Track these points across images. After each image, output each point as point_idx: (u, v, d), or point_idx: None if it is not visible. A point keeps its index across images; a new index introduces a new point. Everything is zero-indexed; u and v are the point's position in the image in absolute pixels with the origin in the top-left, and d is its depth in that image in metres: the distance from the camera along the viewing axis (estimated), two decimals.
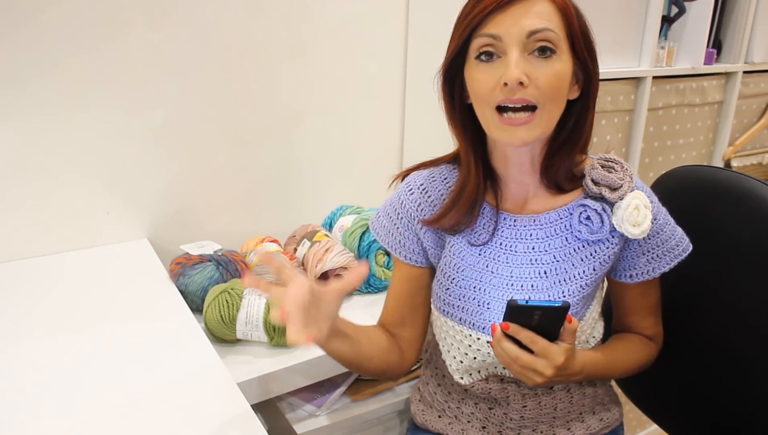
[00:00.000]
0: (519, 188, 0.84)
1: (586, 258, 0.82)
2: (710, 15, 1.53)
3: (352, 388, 1.11)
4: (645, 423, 1.86)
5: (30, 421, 0.70)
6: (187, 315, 0.95)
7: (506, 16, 0.71)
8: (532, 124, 0.73)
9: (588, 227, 0.81)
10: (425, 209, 0.87)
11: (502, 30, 0.71)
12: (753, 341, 0.86)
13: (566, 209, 0.83)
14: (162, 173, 1.23)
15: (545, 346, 0.73)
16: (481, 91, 0.74)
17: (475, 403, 0.91)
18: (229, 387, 0.77)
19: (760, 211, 0.86)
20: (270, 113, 1.32)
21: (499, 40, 0.72)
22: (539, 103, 0.72)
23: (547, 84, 0.72)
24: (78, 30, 1.08)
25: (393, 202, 0.91)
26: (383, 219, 0.92)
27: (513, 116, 0.72)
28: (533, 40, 0.71)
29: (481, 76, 0.73)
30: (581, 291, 0.81)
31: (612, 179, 0.80)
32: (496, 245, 0.85)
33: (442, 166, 0.89)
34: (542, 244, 0.83)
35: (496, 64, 0.73)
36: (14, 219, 1.12)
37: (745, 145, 1.87)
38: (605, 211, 0.80)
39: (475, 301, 0.84)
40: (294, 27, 1.29)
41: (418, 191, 0.88)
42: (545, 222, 0.83)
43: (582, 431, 0.91)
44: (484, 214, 0.85)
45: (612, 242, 0.82)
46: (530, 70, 0.71)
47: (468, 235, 0.85)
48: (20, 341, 0.86)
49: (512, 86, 0.71)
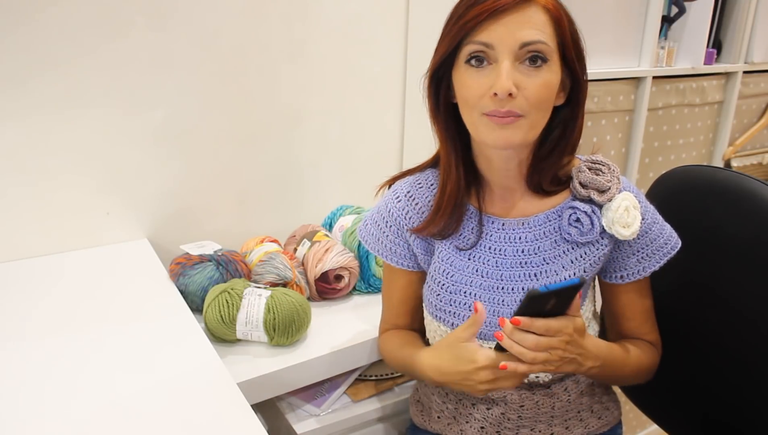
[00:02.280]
0: (505, 192, 0.84)
1: (576, 260, 0.82)
2: (710, 15, 1.53)
3: (352, 388, 1.11)
4: (645, 423, 1.86)
5: (30, 420, 0.70)
6: (187, 315, 0.95)
7: (500, 25, 0.71)
8: (517, 126, 0.73)
9: (578, 229, 0.81)
10: (413, 217, 0.87)
11: (494, 39, 0.71)
12: (753, 340, 0.86)
13: (555, 211, 0.83)
14: (162, 173, 1.23)
15: (559, 326, 0.70)
16: (470, 97, 0.74)
17: (473, 403, 0.91)
18: (229, 387, 0.77)
19: (760, 211, 0.86)
20: (270, 113, 1.32)
21: (491, 48, 0.71)
22: (525, 113, 0.72)
23: (535, 95, 0.72)
24: (78, 30, 1.08)
25: (381, 210, 0.91)
26: (371, 227, 0.92)
27: (500, 117, 0.72)
28: (525, 51, 0.71)
29: (471, 82, 0.73)
30: None
31: (600, 182, 0.80)
32: (484, 249, 0.85)
33: (428, 172, 0.89)
34: (531, 247, 0.83)
35: (486, 70, 0.72)
36: (14, 219, 1.12)
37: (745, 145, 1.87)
38: (594, 212, 0.80)
39: (465, 306, 0.84)
40: (294, 27, 1.29)
41: (405, 199, 0.88)
42: (534, 224, 0.83)
43: (580, 430, 0.91)
44: (471, 219, 0.85)
45: (602, 244, 0.82)
46: (520, 80, 0.71)
47: (455, 240, 0.85)
48: (20, 341, 0.86)
49: (502, 97, 0.71)
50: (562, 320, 0.70)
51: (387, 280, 0.95)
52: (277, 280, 1.10)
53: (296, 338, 1.01)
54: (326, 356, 1.00)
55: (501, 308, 0.84)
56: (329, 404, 1.06)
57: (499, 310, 0.84)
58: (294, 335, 0.99)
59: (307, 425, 1.02)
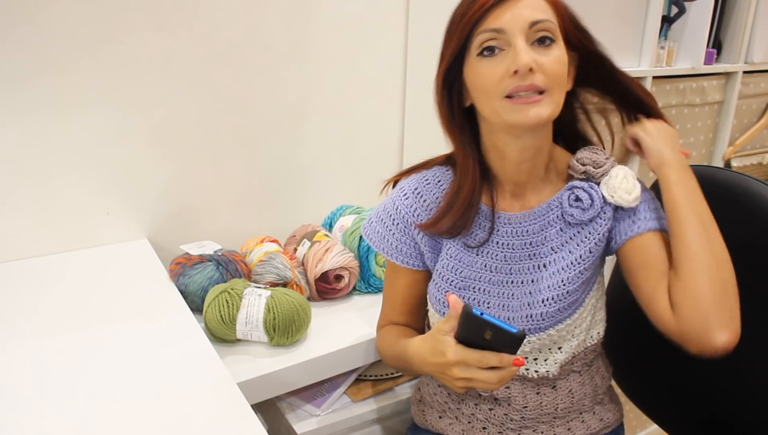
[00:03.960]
0: (516, 187, 0.85)
1: (581, 242, 0.83)
2: (710, 15, 1.53)
3: (352, 388, 1.11)
4: (645, 423, 1.86)
5: (30, 420, 0.70)
6: (187, 315, 0.95)
7: (504, 10, 0.73)
8: (543, 102, 0.73)
9: (579, 208, 0.82)
10: (421, 213, 0.87)
11: (503, 23, 0.72)
12: (753, 341, 0.86)
13: (556, 198, 0.85)
14: (162, 173, 1.23)
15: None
16: (489, 85, 0.74)
17: (476, 403, 0.91)
18: (229, 387, 0.77)
19: (760, 211, 0.86)
20: (270, 113, 1.32)
21: (502, 33, 0.73)
22: (547, 87, 0.73)
23: (552, 69, 0.73)
24: (78, 30, 1.08)
25: (387, 207, 0.91)
26: (376, 225, 0.92)
27: (524, 96, 0.73)
28: (534, 30, 0.73)
29: (487, 71, 0.74)
30: (580, 276, 0.82)
31: (597, 158, 0.83)
32: (493, 244, 0.85)
33: (434, 169, 0.89)
34: (538, 238, 0.84)
35: (500, 57, 0.74)
36: (14, 219, 1.12)
37: (745, 145, 1.87)
38: (592, 187, 0.82)
39: (474, 301, 0.84)
40: (294, 27, 1.29)
41: (413, 195, 0.88)
42: (538, 215, 0.85)
43: (582, 431, 0.91)
44: (482, 217, 0.85)
45: (604, 218, 0.83)
46: (536, 58, 0.72)
47: (465, 238, 0.86)
48: (20, 341, 0.86)
49: (522, 72, 0.71)
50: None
51: (390, 278, 0.95)
52: (277, 280, 1.10)
53: (296, 338, 1.01)
54: (326, 356, 1.00)
55: (510, 301, 0.84)
56: (329, 404, 1.06)
57: (507, 303, 0.84)
58: (294, 335, 0.99)
59: (307, 425, 1.02)
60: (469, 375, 0.70)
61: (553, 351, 0.86)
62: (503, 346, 0.68)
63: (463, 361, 0.69)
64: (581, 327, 0.85)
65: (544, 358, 0.86)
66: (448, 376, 0.71)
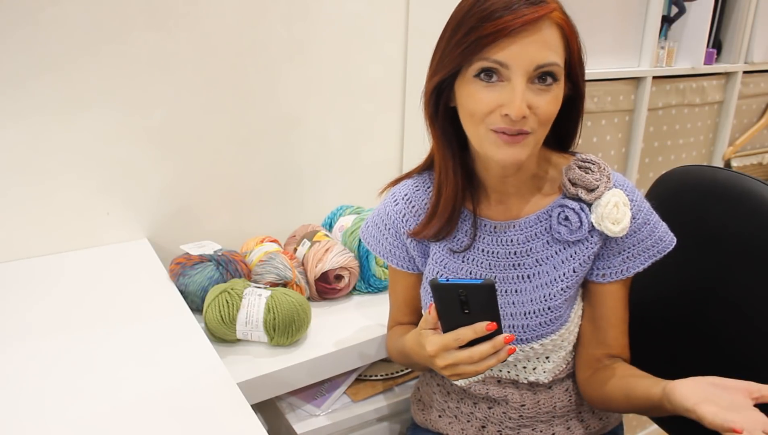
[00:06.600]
0: (501, 196, 0.84)
1: (567, 260, 0.82)
2: (710, 15, 1.53)
3: (352, 388, 1.11)
4: (645, 423, 1.86)
5: (29, 421, 0.70)
6: (187, 315, 0.95)
7: (515, 44, 0.69)
8: (525, 143, 0.73)
9: (567, 228, 0.81)
10: (410, 220, 0.88)
11: (509, 59, 0.69)
12: (754, 340, 0.86)
13: (545, 211, 0.83)
14: (162, 173, 1.23)
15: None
16: (478, 112, 0.72)
17: (474, 402, 0.91)
18: (229, 387, 0.77)
19: (760, 211, 0.86)
20: (270, 113, 1.32)
21: (505, 67, 0.70)
22: (534, 130, 0.72)
23: (545, 112, 0.72)
24: (78, 30, 1.08)
25: (380, 212, 0.92)
26: (372, 229, 0.93)
27: (509, 134, 0.71)
28: (539, 72, 0.70)
29: (481, 96, 0.71)
30: (563, 293, 0.82)
31: (588, 180, 0.79)
32: (477, 251, 0.85)
33: (425, 175, 0.89)
34: (523, 248, 0.84)
35: (497, 87, 0.71)
36: (14, 219, 1.12)
37: (745, 145, 1.87)
38: (583, 210, 0.80)
39: None
40: (294, 27, 1.29)
41: (403, 202, 0.88)
42: (525, 226, 0.83)
43: (581, 431, 0.91)
44: (465, 222, 0.85)
45: (591, 242, 0.81)
46: (532, 100, 0.70)
47: (449, 243, 0.86)
48: (20, 341, 0.86)
49: (515, 120, 0.70)
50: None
51: (391, 280, 0.97)
52: (277, 280, 1.10)
53: (296, 338, 1.01)
54: (326, 356, 1.00)
55: None
56: (329, 404, 1.06)
57: None
58: (294, 335, 0.99)
59: (307, 425, 1.02)
60: (451, 361, 0.69)
61: (542, 360, 0.86)
62: (482, 307, 0.67)
63: (442, 347, 0.69)
64: (568, 340, 0.85)
65: (533, 367, 0.86)
66: (436, 366, 0.72)
